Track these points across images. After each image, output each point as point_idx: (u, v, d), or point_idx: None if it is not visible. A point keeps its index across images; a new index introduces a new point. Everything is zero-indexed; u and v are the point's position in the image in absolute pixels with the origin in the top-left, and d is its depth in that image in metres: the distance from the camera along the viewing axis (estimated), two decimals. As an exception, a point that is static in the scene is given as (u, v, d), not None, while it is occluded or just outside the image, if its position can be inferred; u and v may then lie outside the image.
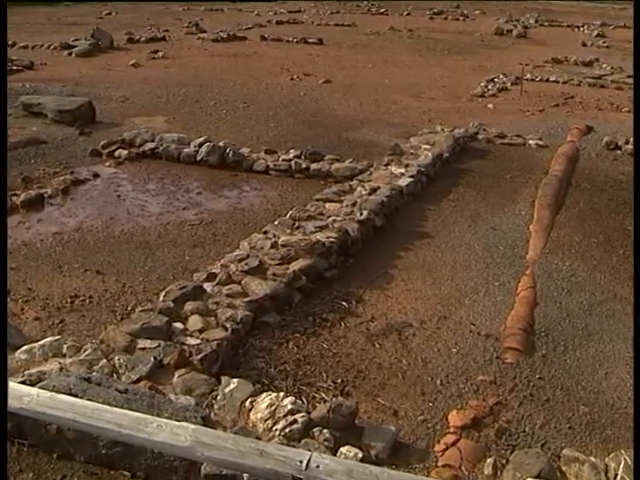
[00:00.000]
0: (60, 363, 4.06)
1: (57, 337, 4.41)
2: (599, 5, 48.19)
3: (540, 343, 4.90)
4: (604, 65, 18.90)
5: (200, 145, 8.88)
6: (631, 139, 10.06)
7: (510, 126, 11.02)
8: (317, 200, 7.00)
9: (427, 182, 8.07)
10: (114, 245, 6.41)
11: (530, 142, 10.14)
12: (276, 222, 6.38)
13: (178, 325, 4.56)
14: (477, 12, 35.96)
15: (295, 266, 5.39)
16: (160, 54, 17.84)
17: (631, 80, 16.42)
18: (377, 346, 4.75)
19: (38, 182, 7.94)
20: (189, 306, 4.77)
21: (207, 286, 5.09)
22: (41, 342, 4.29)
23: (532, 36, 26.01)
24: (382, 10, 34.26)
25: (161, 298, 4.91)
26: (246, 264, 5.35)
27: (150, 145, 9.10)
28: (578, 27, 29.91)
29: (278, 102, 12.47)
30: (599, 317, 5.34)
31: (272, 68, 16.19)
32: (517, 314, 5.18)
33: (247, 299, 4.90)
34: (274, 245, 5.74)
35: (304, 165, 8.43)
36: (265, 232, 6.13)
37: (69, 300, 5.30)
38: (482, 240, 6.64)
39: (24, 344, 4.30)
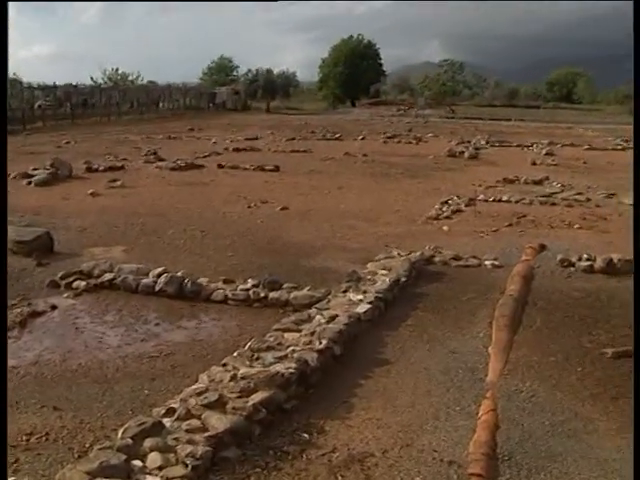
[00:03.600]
0: (15, 506, 3.97)
1: (11, 478, 4.32)
2: (546, 125, 49.96)
3: (504, 467, 4.88)
4: (554, 183, 19.44)
5: (158, 275, 8.89)
6: (584, 255, 10.27)
7: (465, 248, 11.19)
8: (276, 330, 6.99)
9: (385, 308, 8.09)
10: (71, 379, 6.33)
11: (485, 263, 10.29)
12: (235, 354, 6.35)
13: (137, 463, 4.48)
14: (430, 135, 36.97)
15: (255, 399, 5.34)
16: (118, 183, 17.99)
17: (581, 197, 16.91)
18: (339, 478, 4.69)
19: (-6, 315, 7.87)
20: (148, 443, 4.70)
21: (166, 421, 5.03)
22: (-6, 484, 4.19)
23: (483, 157, 26.71)
24: (337, 135, 35.05)
25: (119, 435, 4.84)
26: (205, 398, 5.30)
27: (108, 276, 9.09)
28: (527, 147, 30.85)
29: (235, 230, 12.57)
30: (561, 437, 5.35)
31: (229, 196, 16.38)
32: (479, 439, 5.16)
33: (207, 434, 4.84)
34: (233, 378, 5.70)
35: (262, 294, 8.45)
36: (224, 364, 6.09)
37: (24, 438, 5.19)
38: (441, 364, 6.65)
39: (-24, 487, 4.20)
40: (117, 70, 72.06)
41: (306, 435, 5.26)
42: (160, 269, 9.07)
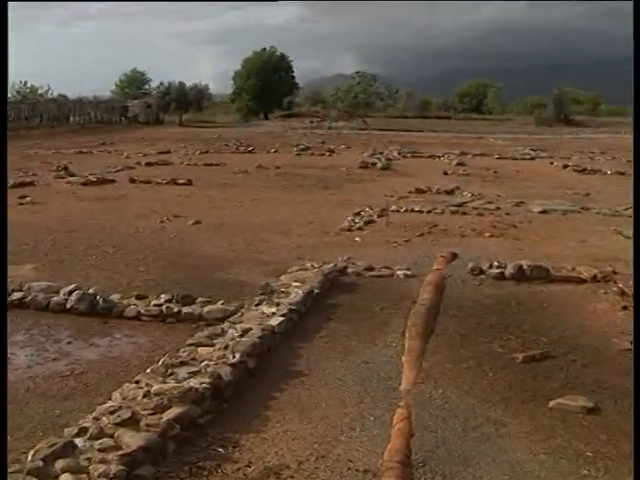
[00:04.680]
0: None
1: None
2: (457, 135, 50.84)
3: (418, 474, 4.93)
4: (465, 192, 19.77)
5: (69, 293, 8.74)
6: (495, 263, 10.45)
7: (378, 258, 11.26)
8: (189, 345, 6.95)
9: (299, 320, 8.11)
10: (-20, 402, 6.18)
11: (398, 273, 10.37)
12: (148, 370, 6.29)
13: (48, 485, 4.42)
14: (342, 147, 37.22)
15: (168, 415, 5.30)
16: (28, 199, 17.61)
17: (491, 206, 17.26)
18: (255, 492, 4.70)
19: None
20: (60, 464, 4.62)
21: (78, 441, 4.94)
22: None
23: (396, 168, 27.00)
24: (250, 148, 35.03)
25: (30, 457, 4.73)
26: (118, 416, 5.24)
27: (17, 295, 8.87)
28: (439, 157, 31.32)
29: (148, 245, 12.46)
30: (474, 442, 5.44)
31: (142, 211, 16.21)
32: (394, 447, 5.21)
33: (120, 452, 4.77)
34: (147, 394, 5.65)
35: (175, 309, 8.38)
36: (137, 381, 6.02)
37: None
38: (355, 375, 6.70)
39: None
40: (26, 83, 70.48)
41: (221, 450, 5.24)
42: (71, 286, 8.93)
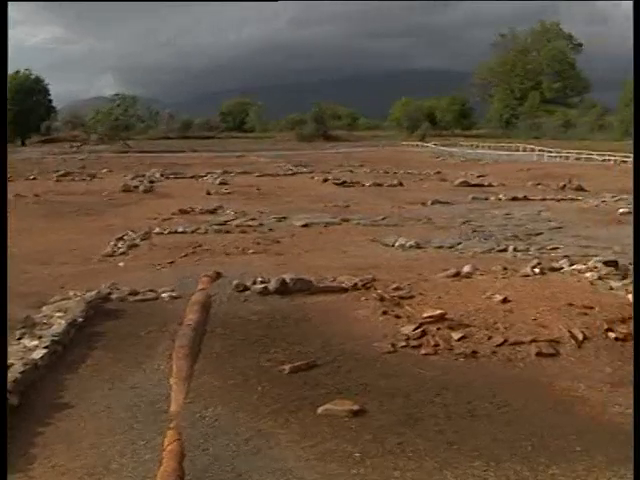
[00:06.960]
0: None
1: None
2: (219, 154, 51.42)
3: (192, 494, 4.99)
4: (228, 211, 20.12)
5: None
6: (259, 279, 10.63)
7: (142, 282, 11.16)
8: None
9: (63, 351, 7.92)
10: None
11: (163, 295, 10.33)
12: None
13: None
14: (104, 171, 36.71)
15: None
16: None
17: (254, 222, 17.62)
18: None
19: None
20: None
21: None
22: None
23: (159, 190, 27.00)
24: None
25: None
26: None
27: None
28: (202, 177, 31.62)
29: None
30: (246, 456, 5.57)
31: None
32: (166, 470, 5.24)
33: None
34: None
35: None
36: None
37: None
38: (123, 401, 6.64)
39: None
40: None
41: (-16, 496, 5.06)
42: None
